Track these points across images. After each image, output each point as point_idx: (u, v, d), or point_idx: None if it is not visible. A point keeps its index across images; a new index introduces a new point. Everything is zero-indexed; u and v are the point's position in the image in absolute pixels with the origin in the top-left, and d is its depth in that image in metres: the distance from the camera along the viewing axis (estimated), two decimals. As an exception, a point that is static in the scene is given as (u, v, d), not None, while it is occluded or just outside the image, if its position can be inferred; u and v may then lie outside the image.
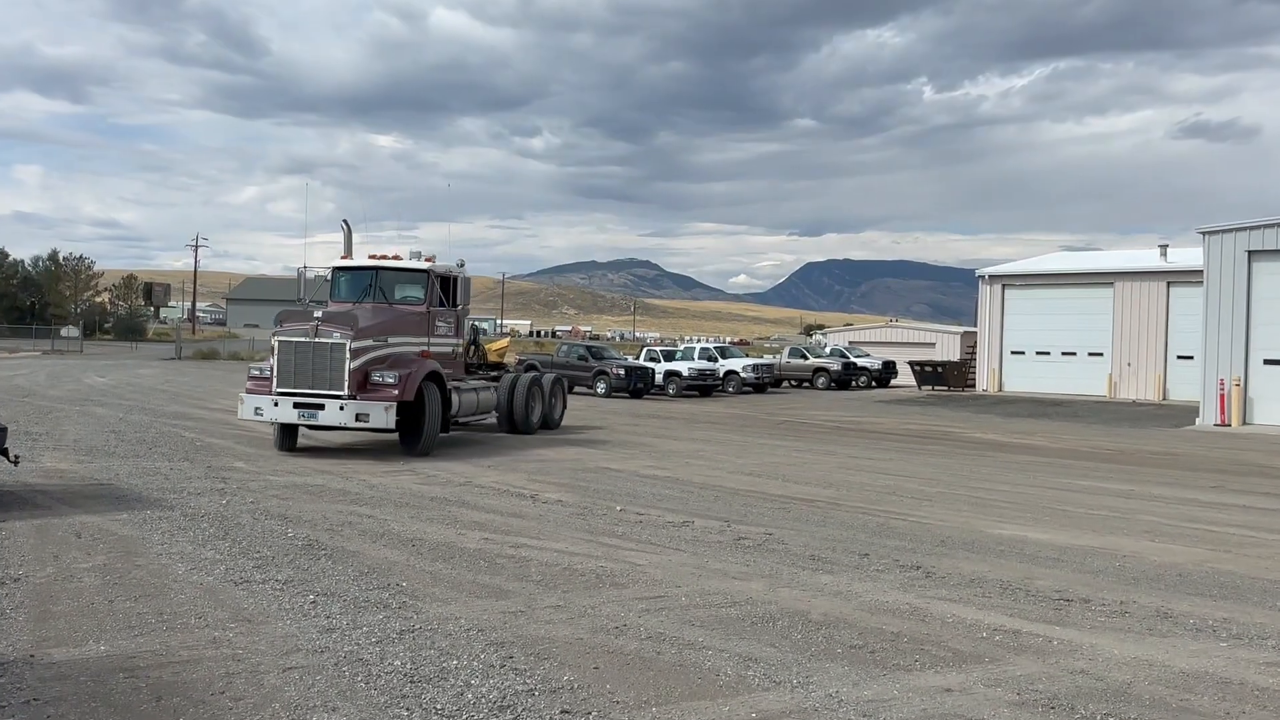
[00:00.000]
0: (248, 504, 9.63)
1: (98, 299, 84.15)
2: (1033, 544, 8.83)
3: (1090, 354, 36.65)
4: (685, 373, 32.73)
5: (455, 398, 14.90)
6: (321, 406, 13.15)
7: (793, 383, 41.18)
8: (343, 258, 15.44)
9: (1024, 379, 37.82)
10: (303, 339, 13.27)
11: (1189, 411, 27.45)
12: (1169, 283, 35.11)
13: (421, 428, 13.83)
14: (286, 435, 13.95)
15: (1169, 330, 35.08)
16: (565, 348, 33.19)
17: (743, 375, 35.89)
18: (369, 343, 13.61)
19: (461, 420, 15.61)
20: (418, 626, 5.75)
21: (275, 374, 13.37)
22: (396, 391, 13.37)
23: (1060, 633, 6.05)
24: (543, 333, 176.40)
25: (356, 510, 9.50)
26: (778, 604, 6.49)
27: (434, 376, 14.12)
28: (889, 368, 42.42)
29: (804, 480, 12.78)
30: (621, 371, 30.34)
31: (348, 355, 13.25)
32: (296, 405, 13.20)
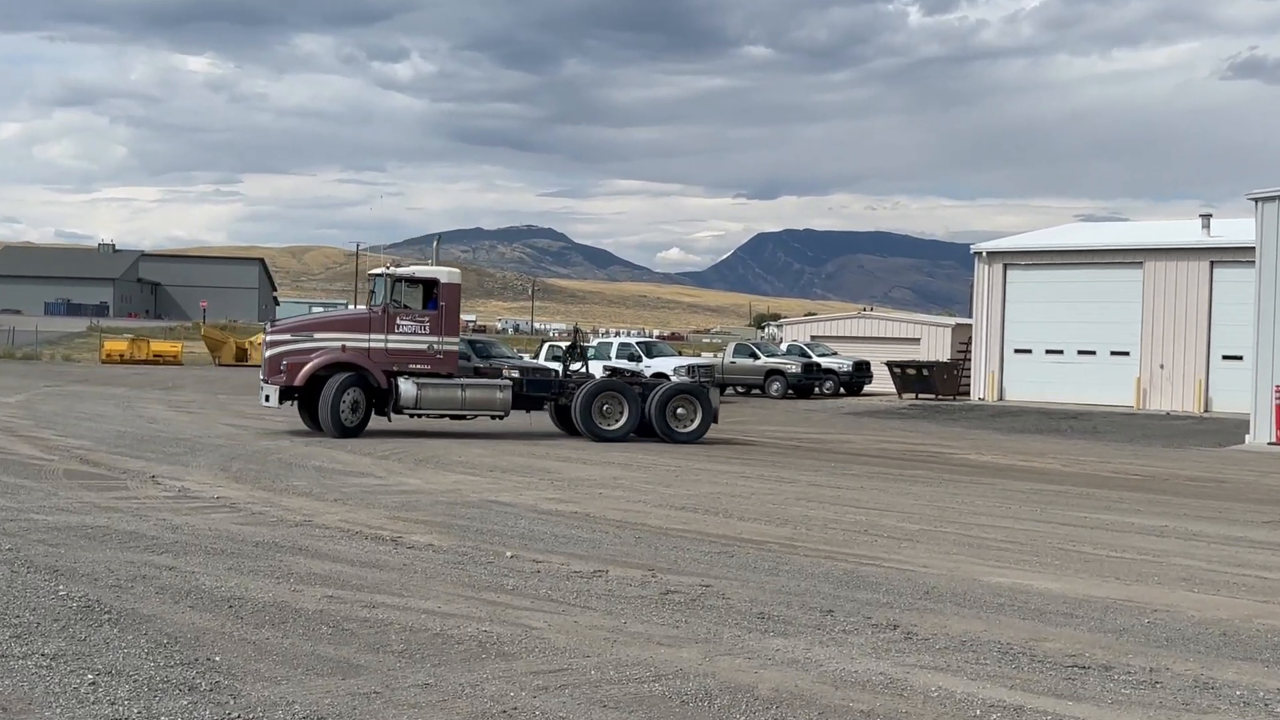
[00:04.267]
0: (3, 552, 9.35)
1: None
2: (1040, 595, 9.07)
3: (1114, 353, 37.63)
4: (600, 376, 32.77)
5: (414, 391, 20.99)
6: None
7: (739, 389, 41.58)
8: (392, 264, 22.70)
9: (1030, 384, 38.73)
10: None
11: (1237, 426, 28.28)
12: (1213, 262, 36.11)
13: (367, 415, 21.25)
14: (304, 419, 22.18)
15: (1212, 323, 36.07)
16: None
17: (674, 379, 36.01)
18: (286, 337, 21.43)
19: (428, 413, 21.45)
20: (236, 715, 5.65)
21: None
22: (284, 377, 20.96)
23: (1074, 710, 6.20)
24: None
25: (153, 560, 9.29)
26: (716, 677, 6.54)
27: (344, 368, 20.98)
28: (862, 370, 43.19)
29: (752, 515, 12.90)
30: (515, 375, 30.28)
31: (265, 347, 21.90)
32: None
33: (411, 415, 21.67)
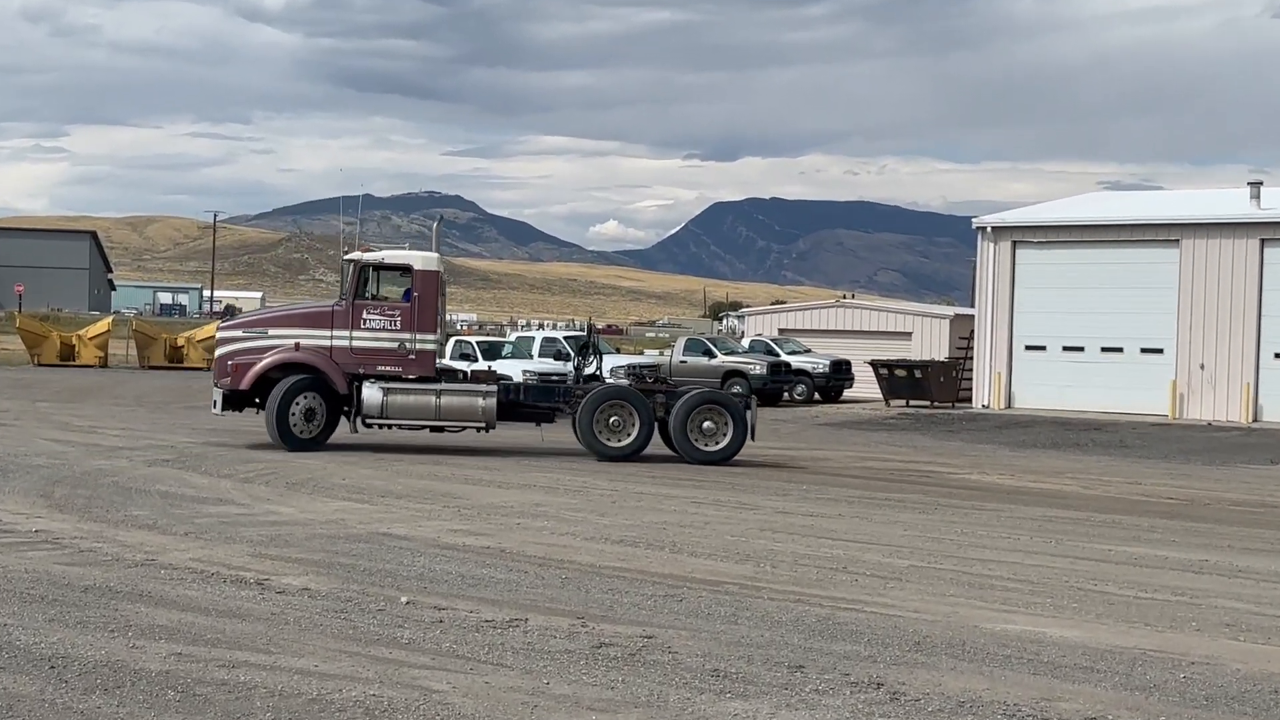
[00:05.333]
0: None
1: None
2: (1054, 646, 9.17)
3: (1144, 350, 37.99)
4: (519, 379, 32.71)
5: (379, 397, 21.63)
6: None
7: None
8: (363, 249, 23.57)
9: (1044, 388, 39.04)
10: None
11: (1292, 439, 28.94)
12: (1264, 240, 36.48)
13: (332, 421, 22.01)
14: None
15: (1263, 314, 36.43)
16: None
17: (611, 382, 36.01)
18: (237, 334, 22.62)
19: (397, 424, 22.12)
20: (58, 804, 5.54)
21: None
22: (229, 379, 21.86)
23: (1095, 783, 6.28)
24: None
25: (-46, 610, 9.11)
26: (660, 750, 6.53)
27: (298, 369, 21.77)
28: (840, 371, 43.43)
29: (705, 550, 12.92)
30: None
31: (216, 345, 23.25)
32: None
33: (379, 426, 22.19)
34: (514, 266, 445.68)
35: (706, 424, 21.92)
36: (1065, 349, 39.11)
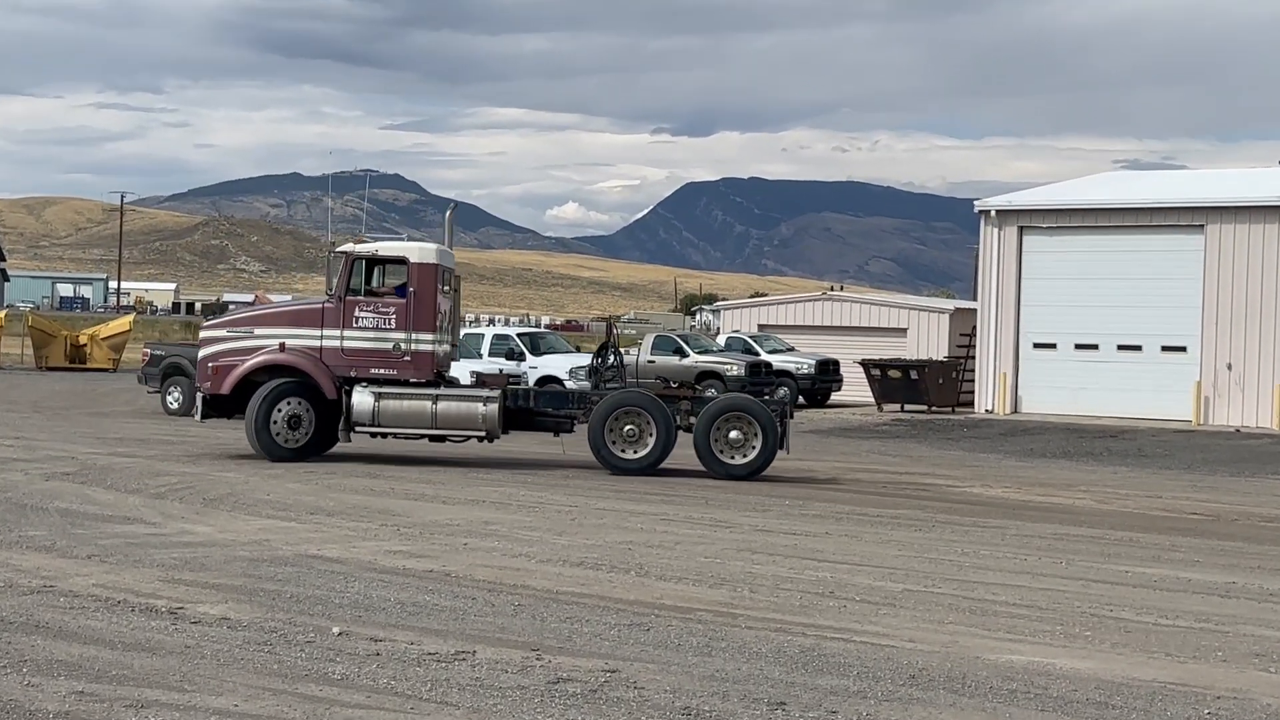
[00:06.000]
0: None
1: None
2: (1065, 678, 9.22)
3: (1165, 348, 38.19)
4: (467, 380, 32.61)
5: (370, 403, 21.85)
6: None
7: (661, 398, 41.58)
8: (357, 241, 24.61)
9: (1055, 391, 39.17)
10: None
11: (1329, 448, 29.08)
12: (1299, 225, 36.88)
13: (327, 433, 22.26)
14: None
15: (1298, 307, 36.77)
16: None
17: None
18: (221, 333, 23.10)
19: (393, 432, 22.42)
20: None
21: None
22: (209, 383, 22.42)
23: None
24: (200, 306, 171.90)
25: None
26: (623, 796, 6.57)
27: (282, 371, 22.18)
28: (828, 371, 43.48)
29: (675, 573, 12.93)
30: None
31: (200, 346, 23.87)
32: None
33: (373, 434, 22.53)
34: (462, 254, 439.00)
35: (733, 434, 21.83)
36: (1078, 347, 39.24)
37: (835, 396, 43.81)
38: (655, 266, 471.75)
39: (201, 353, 23.02)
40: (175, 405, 32.47)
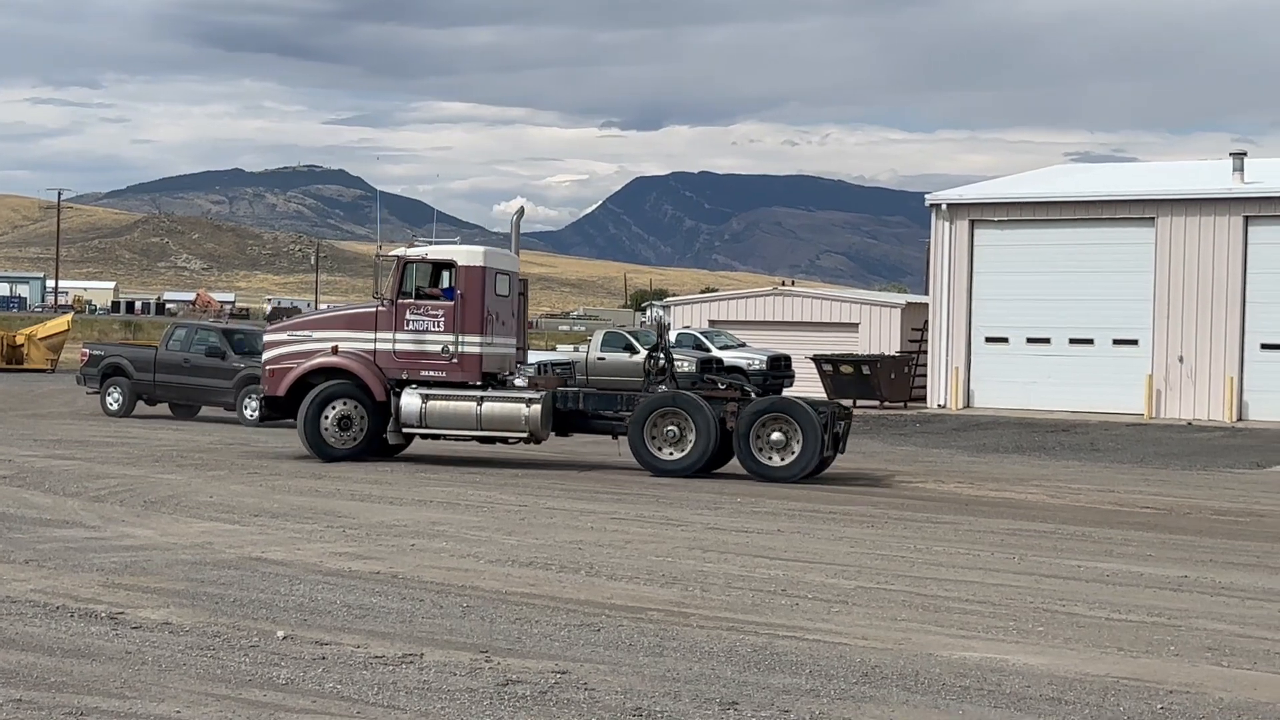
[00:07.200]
0: None
1: None
2: (1018, 674, 9.25)
3: (1117, 341, 38.58)
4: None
5: (417, 405, 22.45)
6: None
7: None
8: (407, 244, 24.71)
9: (1007, 386, 39.50)
10: None
11: None
12: (1248, 217, 37.19)
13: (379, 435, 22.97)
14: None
15: (1248, 300, 37.14)
16: (182, 334, 32.94)
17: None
18: (282, 337, 24.19)
19: (440, 434, 23.03)
20: None
21: None
22: (267, 386, 23.57)
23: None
24: (140, 305, 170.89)
25: None
26: (573, 801, 6.53)
27: (334, 374, 22.99)
28: (779, 367, 43.68)
29: (626, 573, 12.93)
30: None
31: (262, 350, 24.86)
32: None
33: (422, 436, 23.31)
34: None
35: (775, 435, 21.58)
36: (1030, 341, 39.60)
37: (786, 392, 43.88)
38: (604, 262, 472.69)
39: (264, 356, 24.01)
40: (115, 406, 32.27)
